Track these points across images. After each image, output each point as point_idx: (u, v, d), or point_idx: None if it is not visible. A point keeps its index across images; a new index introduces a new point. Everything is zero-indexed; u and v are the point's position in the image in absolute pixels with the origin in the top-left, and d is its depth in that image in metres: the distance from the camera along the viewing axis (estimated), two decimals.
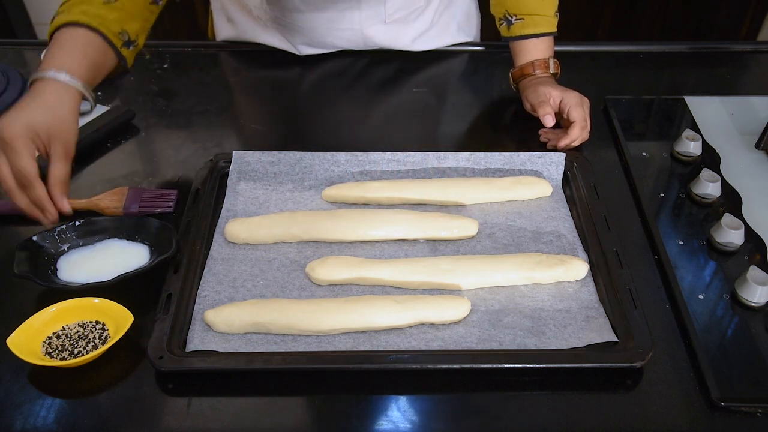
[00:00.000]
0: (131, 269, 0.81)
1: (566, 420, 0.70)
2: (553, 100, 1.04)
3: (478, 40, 1.35)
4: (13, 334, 0.73)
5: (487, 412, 0.71)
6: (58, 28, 0.85)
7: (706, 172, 0.96)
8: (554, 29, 1.11)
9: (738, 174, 0.99)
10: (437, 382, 0.73)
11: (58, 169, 0.75)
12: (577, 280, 0.84)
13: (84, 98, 0.82)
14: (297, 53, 1.23)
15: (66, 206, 0.75)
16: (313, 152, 0.99)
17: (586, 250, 0.88)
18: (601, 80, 1.23)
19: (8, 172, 0.72)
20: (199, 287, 0.82)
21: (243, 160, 0.98)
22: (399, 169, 0.99)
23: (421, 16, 1.22)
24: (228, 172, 0.98)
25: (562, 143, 1.02)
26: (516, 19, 1.09)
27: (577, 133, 1.01)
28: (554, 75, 1.11)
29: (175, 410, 0.70)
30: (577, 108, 1.02)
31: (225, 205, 0.94)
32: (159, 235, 0.86)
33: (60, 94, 0.79)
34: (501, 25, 1.13)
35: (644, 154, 1.04)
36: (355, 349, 0.75)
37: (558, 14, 1.11)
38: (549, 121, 1.04)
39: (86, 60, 0.84)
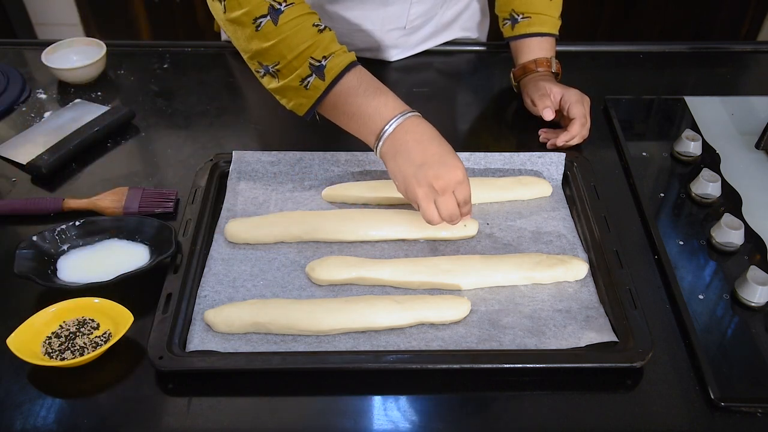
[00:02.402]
0: (131, 269, 0.81)
1: (566, 420, 0.70)
2: (554, 96, 1.04)
3: (485, 36, 1.35)
4: (13, 334, 0.73)
5: (487, 412, 0.71)
6: (348, 69, 0.84)
7: (706, 172, 0.96)
8: (557, 32, 1.11)
9: (738, 174, 0.99)
10: (437, 382, 0.73)
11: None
12: (577, 280, 0.84)
13: None
14: None
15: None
16: (313, 152, 0.99)
17: (586, 250, 0.88)
18: (601, 80, 1.23)
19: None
20: (199, 287, 0.82)
21: (243, 160, 0.98)
22: None
23: (432, 19, 1.22)
24: (228, 172, 0.98)
25: (562, 139, 1.02)
26: (522, 18, 1.10)
27: (578, 130, 1.02)
28: (555, 75, 1.11)
29: (175, 410, 0.70)
30: (578, 105, 1.02)
31: (225, 205, 0.94)
32: (159, 235, 0.86)
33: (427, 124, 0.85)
34: (505, 24, 1.13)
35: (644, 154, 1.04)
36: (355, 349, 0.75)
37: (560, 18, 1.11)
38: (548, 114, 1.04)
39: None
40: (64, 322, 0.77)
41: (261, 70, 0.88)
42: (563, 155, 0.99)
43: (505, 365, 0.73)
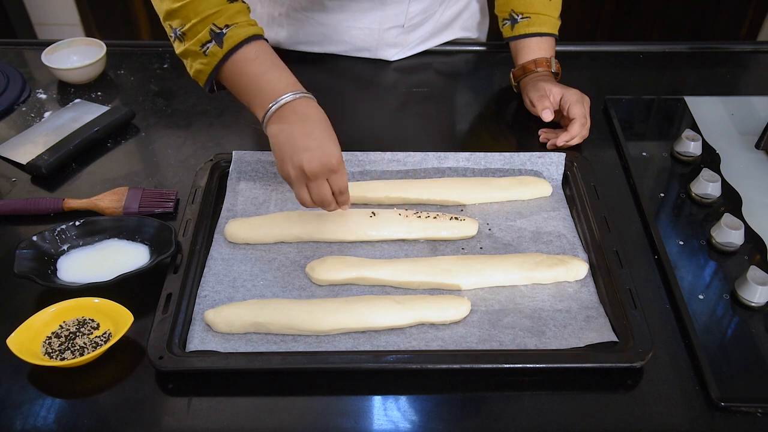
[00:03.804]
0: (131, 269, 0.81)
1: (566, 420, 0.70)
2: (553, 97, 1.04)
3: (484, 36, 1.35)
4: (13, 334, 0.73)
5: (487, 412, 0.71)
6: (248, 41, 0.84)
7: (706, 172, 0.96)
8: (556, 32, 1.11)
9: (738, 174, 0.99)
10: (437, 382, 0.73)
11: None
12: (577, 280, 0.84)
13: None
14: (296, 51, 1.23)
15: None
16: None
17: (586, 250, 0.88)
18: (601, 80, 1.23)
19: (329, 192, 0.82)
20: (199, 287, 0.82)
21: (243, 160, 0.98)
22: (399, 169, 0.99)
23: (431, 18, 1.22)
24: (228, 172, 0.98)
25: (562, 139, 1.02)
26: (522, 18, 1.10)
27: (578, 130, 1.02)
28: (555, 75, 1.11)
29: (175, 410, 0.70)
30: (578, 105, 1.02)
31: (225, 205, 0.94)
32: (159, 235, 0.86)
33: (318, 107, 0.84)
34: (504, 25, 1.13)
35: (644, 154, 1.04)
36: (355, 349, 0.75)
37: (560, 19, 1.11)
38: (547, 115, 1.04)
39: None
40: (64, 322, 0.77)
41: (172, 34, 0.88)
42: (563, 155, 0.99)
43: (505, 365, 0.73)
